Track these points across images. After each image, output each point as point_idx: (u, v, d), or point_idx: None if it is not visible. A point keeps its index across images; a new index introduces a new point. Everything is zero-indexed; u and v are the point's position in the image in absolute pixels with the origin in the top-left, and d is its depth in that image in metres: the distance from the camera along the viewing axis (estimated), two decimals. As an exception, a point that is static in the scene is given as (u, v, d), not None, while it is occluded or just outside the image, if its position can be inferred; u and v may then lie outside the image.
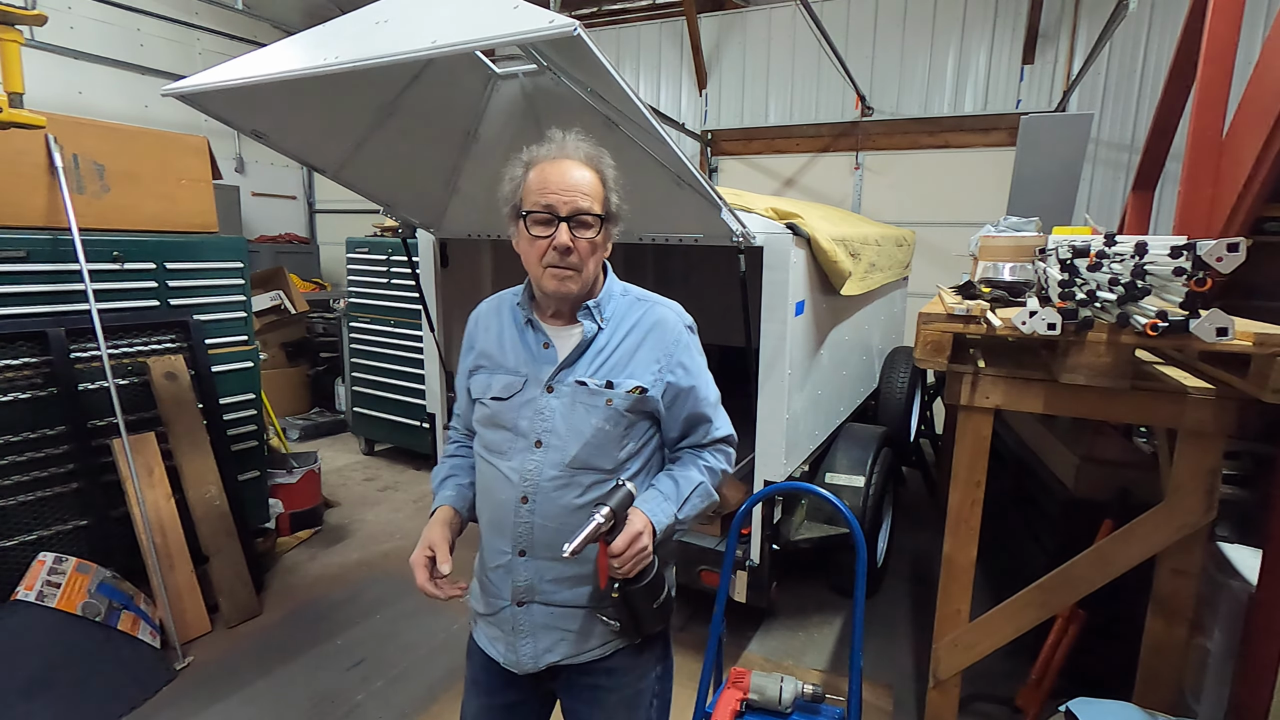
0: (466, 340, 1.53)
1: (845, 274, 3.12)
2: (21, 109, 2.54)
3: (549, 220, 1.30)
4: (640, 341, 1.41)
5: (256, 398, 3.84)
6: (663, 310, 1.46)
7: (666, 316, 1.45)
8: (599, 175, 1.35)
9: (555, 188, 1.29)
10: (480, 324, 1.51)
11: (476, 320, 1.53)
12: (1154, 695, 2.11)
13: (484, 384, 1.44)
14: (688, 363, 1.44)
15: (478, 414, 1.46)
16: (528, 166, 1.34)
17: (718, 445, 1.50)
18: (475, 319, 1.54)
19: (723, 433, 1.50)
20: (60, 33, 6.20)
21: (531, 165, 1.33)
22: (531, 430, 1.36)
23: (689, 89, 7.51)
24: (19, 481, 2.89)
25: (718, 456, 1.50)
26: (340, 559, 4.02)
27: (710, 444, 1.49)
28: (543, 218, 1.30)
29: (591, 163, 1.35)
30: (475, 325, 1.52)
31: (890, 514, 3.93)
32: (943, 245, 6.16)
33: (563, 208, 1.29)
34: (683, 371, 1.43)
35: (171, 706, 2.72)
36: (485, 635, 1.49)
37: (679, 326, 1.46)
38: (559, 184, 1.29)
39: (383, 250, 5.48)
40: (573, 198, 1.29)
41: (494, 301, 1.54)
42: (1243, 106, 2.29)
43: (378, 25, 1.72)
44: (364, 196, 2.88)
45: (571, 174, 1.31)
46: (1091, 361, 1.88)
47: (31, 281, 2.93)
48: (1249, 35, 4.75)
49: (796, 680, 2.01)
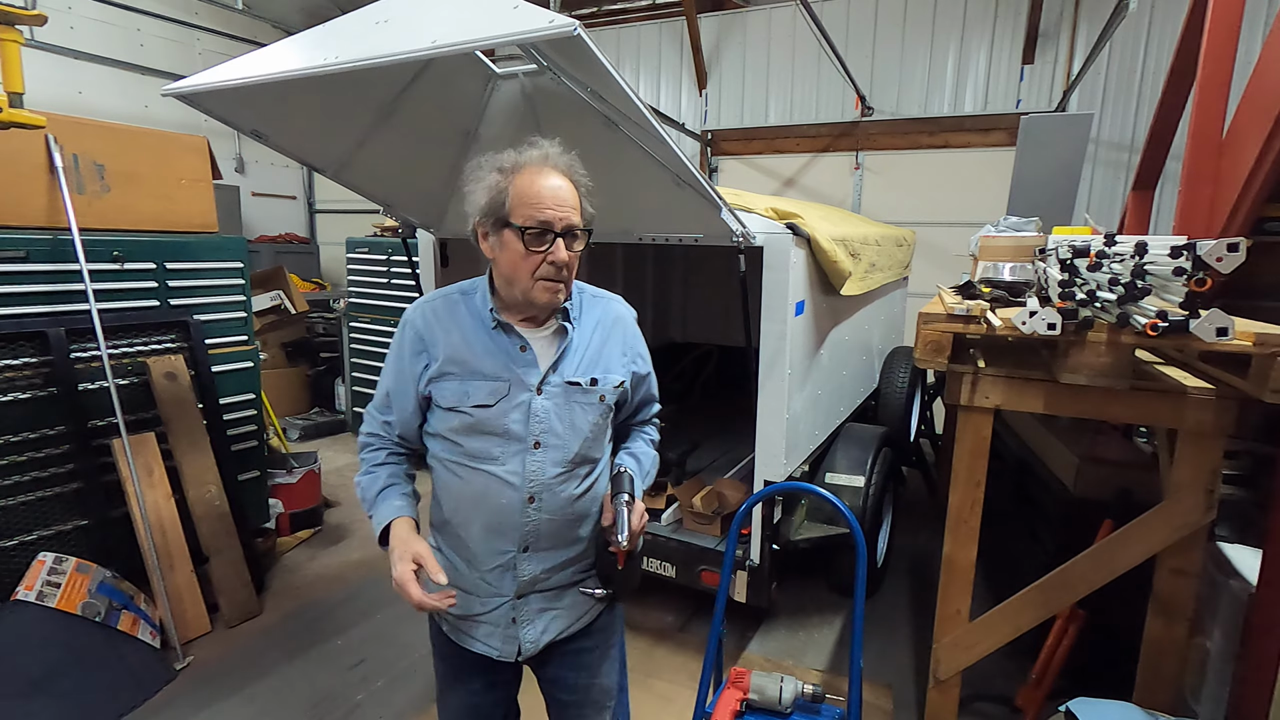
0: (412, 344, 1.43)
1: (845, 274, 3.12)
2: (21, 109, 2.54)
3: (543, 236, 1.31)
4: (607, 337, 1.51)
5: (256, 398, 3.84)
6: (618, 306, 1.58)
7: (623, 312, 1.58)
8: (575, 186, 1.37)
9: (549, 203, 1.30)
10: (433, 327, 1.42)
11: (426, 323, 1.43)
12: (1154, 695, 2.11)
13: (459, 392, 1.38)
14: (643, 351, 1.60)
15: (452, 423, 1.40)
16: (510, 174, 1.33)
17: (654, 418, 1.71)
18: (423, 321, 1.44)
19: (659, 407, 1.72)
20: (60, 33, 6.20)
21: (515, 173, 1.32)
22: (526, 433, 1.39)
23: (689, 89, 7.51)
24: (19, 481, 2.89)
25: (654, 428, 1.71)
26: (340, 559, 4.02)
27: (651, 418, 1.70)
28: (537, 233, 1.31)
29: (571, 174, 1.37)
30: (425, 328, 1.43)
31: (890, 514, 3.93)
32: (943, 245, 6.16)
33: (558, 224, 1.31)
34: (641, 360, 1.58)
35: (171, 706, 2.72)
36: (471, 635, 1.51)
37: (631, 319, 1.60)
38: (552, 199, 1.31)
39: (383, 250, 5.49)
40: (565, 213, 1.32)
41: (440, 303, 1.45)
42: (1243, 106, 2.29)
43: (378, 25, 1.72)
44: (364, 196, 2.88)
45: (560, 188, 1.33)
46: (1091, 361, 1.88)
47: (31, 281, 2.93)
48: (1249, 35, 4.75)
49: (796, 680, 2.01)
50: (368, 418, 1.52)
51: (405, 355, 1.44)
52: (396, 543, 1.36)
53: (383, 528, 1.40)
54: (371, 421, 1.51)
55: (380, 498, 1.44)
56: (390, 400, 1.48)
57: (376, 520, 1.42)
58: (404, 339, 1.45)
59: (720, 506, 3.31)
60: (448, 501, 1.46)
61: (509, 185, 1.31)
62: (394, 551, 1.34)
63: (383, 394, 1.49)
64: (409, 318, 1.46)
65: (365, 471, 1.50)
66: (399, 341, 1.46)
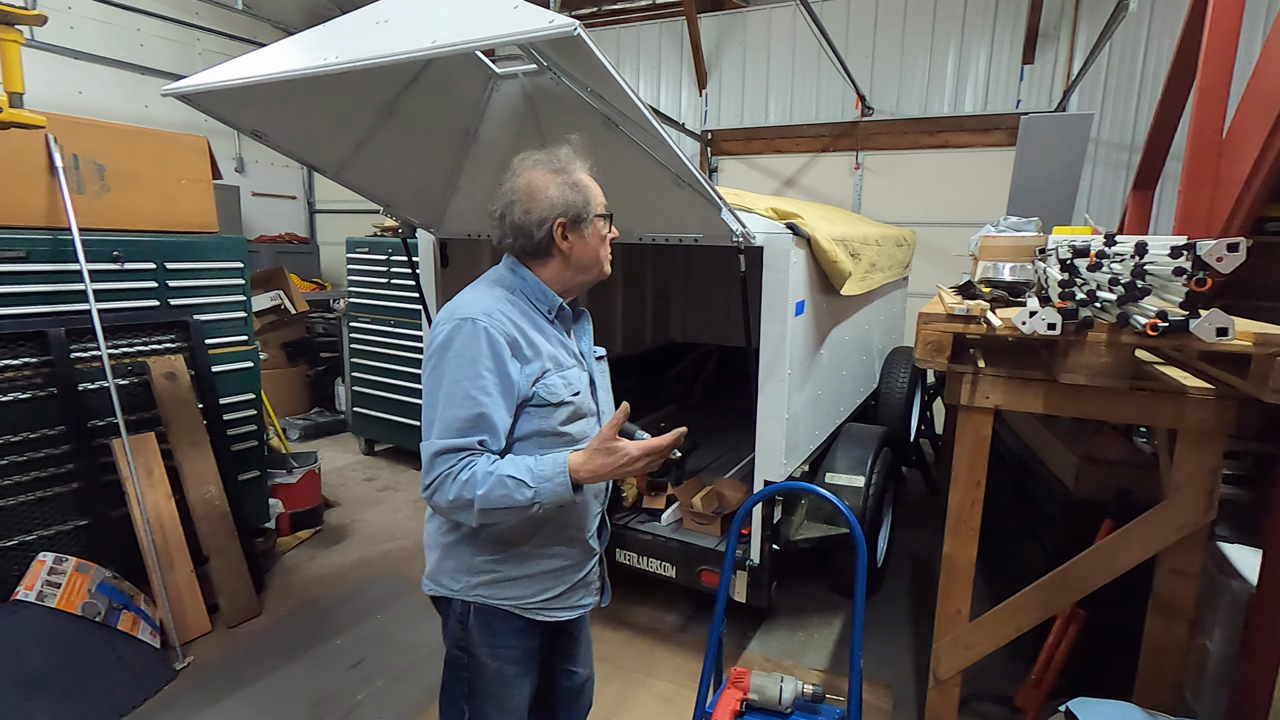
0: (505, 350, 1.38)
1: (845, 274, 3.12)
2: (21, 109, 2.54)
3: (611, 218, 1.57)
4: (584, 314, 1.71)
5: (256, 398, 3.84)
6: None
7: None
8: None
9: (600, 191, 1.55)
10: (520, 329, 1.43)
11: (510, 327, 1.41)
12: (1154, 695, 2.11)
13: (559, 384, 1.48)
14: None
15: (561, 415, 1.48)
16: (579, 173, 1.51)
17: None
18: (506, 326, 1.41)
19: None
20: (60, 33, 6.20)
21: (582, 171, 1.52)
22: (597, 406, 1.63)
23: (689, 89, 7.51)
24: (19, 481, 2.89)
25: None
26: (340, 559, 4.02)
27: None
28: (609, 217, 1.56)
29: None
30: (514, 331, 1.41)
31: (890, 514, 3.93)
32: (943, 245, 6.16)
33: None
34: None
35: (171, 706, 2.72)
36: (569, 603, 1.63)
37: None
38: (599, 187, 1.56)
39: (383, 250, 5.48)
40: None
41: (507, 306, 1.46)
42: (1243, 106, 2.29)
43: (378, 25, 1.72)
44: (364, 196, 2.88)
45: None
46: (1091, 361, 1.88)
47: (31, 281, 2.93)
48: (1249, 35, 4.75)
49: (796, 680, 2.01)
50: (444, 453, 1.35)
51: (503, 362, 1.38)
52: (596, 461, 1.36)
53: (566, 474, 1.35)
54: (455, 453, 1.35)
55: (529, 462, 1.36)
56: (485, 420, 1.36)
57: (550, 472, 1.35)
58: (493, 347, 1.37)
59: (720, 506, 3.31)
60: None
61: (586, 184, 1.50)
62: (605, 465, 1.36)
63: (468, 416, 1.36)
64: (486, 326, 1.37)
65: (487, 471, 1.33)
66: (485, 352, 1.36)
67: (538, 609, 1.58)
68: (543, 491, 1.35)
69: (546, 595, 1.58)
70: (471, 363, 1.36)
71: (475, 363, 1.36)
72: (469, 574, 1.54)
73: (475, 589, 1.54)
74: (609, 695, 2.82)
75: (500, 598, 1.55)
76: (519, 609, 1.56)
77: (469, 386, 1.36)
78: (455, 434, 1.35)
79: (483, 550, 1.53)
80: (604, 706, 2.75)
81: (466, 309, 1.41)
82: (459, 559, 1.55)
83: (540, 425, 1.46)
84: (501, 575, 1.54)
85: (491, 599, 1.55)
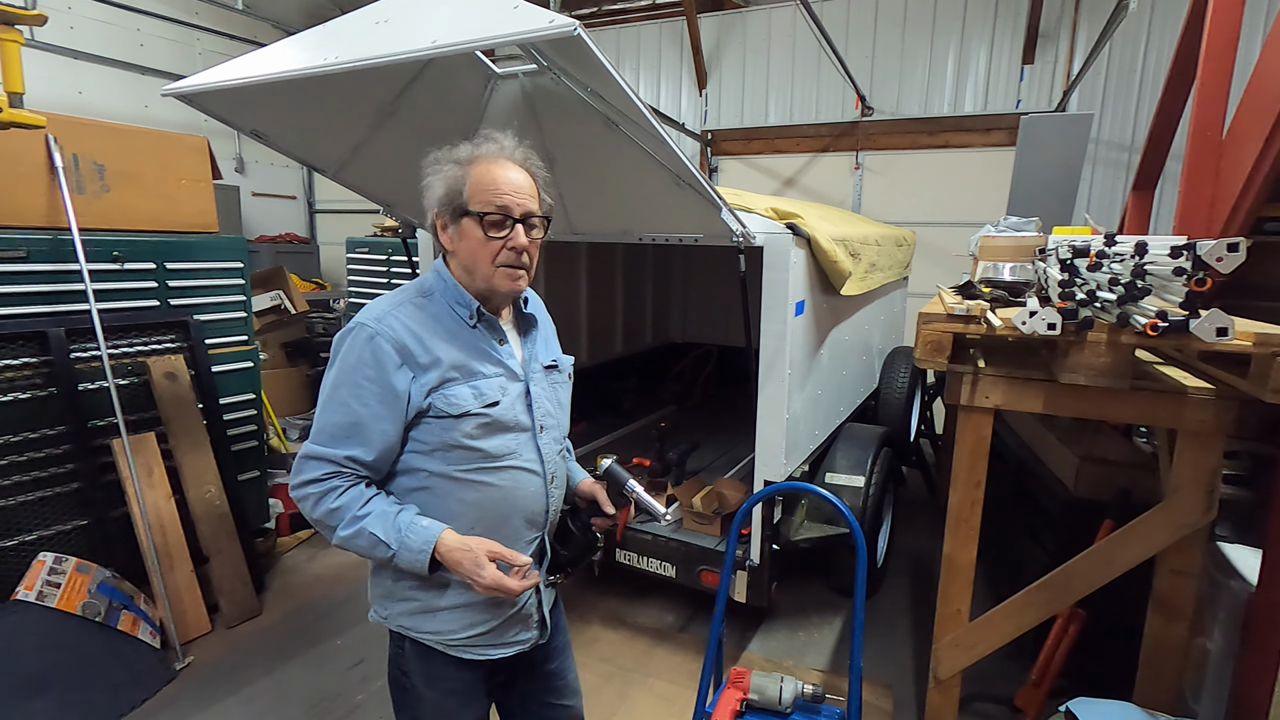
0: (391, 358, 1.30)
1: (845, 274, 3.12)
2: (21, 109, 2.54)
3: (503, 222, 1.34)
4: (546, 321, 1.61)
5: (256, 398, 3.84)
6: (535, 293, 1.62)
7: (539, 299, 1.63)
8: (533, 178, 1.40)
9: (507, 189, 1.33)
10: (414, 336, 1.33)
11: (403, 333, 1.33)
12: (1154, 695, 2.11)
13: (465, 394, 1.34)
14: None
15: (467, 428, 1.34)
16: (466, 165, 1.35)
17: None
18: (399, 332, 1.32)
19: None
20: (60, 33, 6.20)
21: (472, 163, 1.35)
22: (532, 420, 1.47)
23: (689, 89, 7.51)
24: (19, 481, 2.89)
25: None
26: (340, 559, 4.01)
27: None
28: (497, 219, 1.33)
29: (528, 165, 1.41)
30: (406, 338, 1.32)
31: (890, 514, 3.93)
32: (943, 245, 6.17)
33: (515, 210, 1.34)
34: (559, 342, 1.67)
35: (171, 706, 2.72)
36: (504, 639, 1.50)
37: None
38: (509, 186, 1.34)
39: (383, 250, 5.49)
40: (523, 200, 1.35)
41: (408, 309, 1.37)
42: (1243, 106, 2.29)
43: (378, 25, 1.72)
44: (364, 196, 2.88)
45: (516, 177, 1.36)
46: (1091, 361, 1.88)
47: (31, 281, 2.93)
48: (1249, 35, 4.75)
49: (796, 680, 2.01)
50: (312, 458, 1.31)
51: (386, 372, 1.30)
52: (460, 554, 1.30)
53: (429, 554, 1.30)
54: (322, 463, 1.31)
55: (402, 523, 1.31)
56: (358, 429, 1.31)
57: (416, 544, 1.30)
58: (375, 356, 1.30)
59: (720, 506, 3.31)
60: (468, 515, 1.39)
61: (466, 175, 1.33)
62: (462, 564, 1.29)
63: (342, 423, 1.31)
64: (376, 332, 1.31)
65: (354, 514, 1.30)
66: (367, 361, 1.30)
67: (463, 646, 1.45)
68: (402, 558, 1.31)
69: (474, 631, 1.45)
70: (352, 371, 1.31)
71: (356, 371, 1.31)
72: (391, 601, 1.46)
73: (399, 619, 1.46)
74: (609, 695, 2.82)
75: (423, 632, 1.44)
76: (444, 646, 1.45)
77: (346, 395, 1.32)
78: (327, 440, 1.32)
79: (403, 575, 1.41)
80: (604, 706, 2.75)
81: (364, 313, 1.36)
82: (381, 585, 1.48)
83: (444, 438, 1.34)
84: (423, 605, 1.43)
85: (414, 632, 1.45)
